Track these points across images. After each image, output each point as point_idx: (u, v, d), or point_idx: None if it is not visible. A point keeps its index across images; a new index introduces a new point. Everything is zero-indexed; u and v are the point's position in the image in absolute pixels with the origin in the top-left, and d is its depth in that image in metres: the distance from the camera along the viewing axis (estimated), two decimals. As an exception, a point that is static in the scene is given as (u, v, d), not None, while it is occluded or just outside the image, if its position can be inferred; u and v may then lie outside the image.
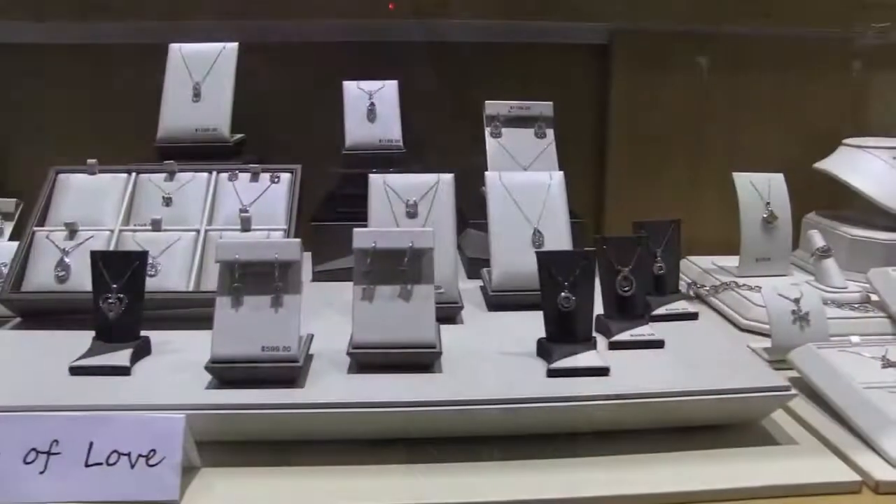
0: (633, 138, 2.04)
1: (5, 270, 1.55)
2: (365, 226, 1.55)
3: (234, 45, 1.75)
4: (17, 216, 1.79)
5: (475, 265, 1.65)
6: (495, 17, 1.95)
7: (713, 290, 1.73)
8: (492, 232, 1.51)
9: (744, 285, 1.70)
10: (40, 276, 1.42)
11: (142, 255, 1.26)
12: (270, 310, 1.15)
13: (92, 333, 1.27)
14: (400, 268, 1.21)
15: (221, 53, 1.74)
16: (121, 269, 1.25)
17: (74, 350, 1.24)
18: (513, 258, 1.49)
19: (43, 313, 1.41)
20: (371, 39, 1.95)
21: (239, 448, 1.10)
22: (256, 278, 1.17)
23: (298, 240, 1.18)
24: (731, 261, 1.82)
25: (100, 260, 1.25)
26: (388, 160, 1.75)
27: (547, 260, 1.25)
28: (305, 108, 1.98)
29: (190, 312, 1.39)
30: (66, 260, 1.42)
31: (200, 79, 1.73)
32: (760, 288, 1.61)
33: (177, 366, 1.22)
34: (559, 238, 1.51)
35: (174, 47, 1.76)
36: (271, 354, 1.13)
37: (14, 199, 1.80)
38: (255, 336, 1.14)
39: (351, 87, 1.78)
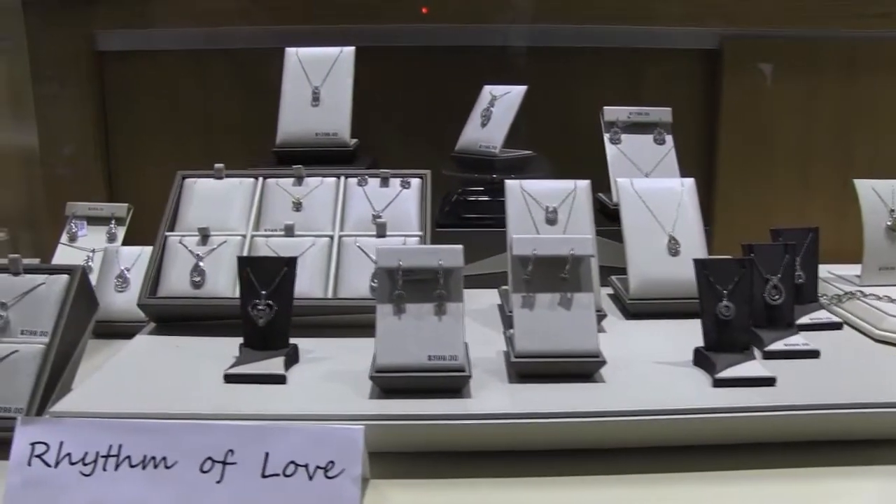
0: (743, 144, 2.00)
1: (128, 275, 1.55)
2: (491, 232, 1.54)
3: (351, 48, 1.73)
4: (128, 220, 1.77)
5: (601, 273, 1.62)
6: (605, 21, 1.92)
7: (836, 300, 1.68)
8: (627, 239, 1.48)
9: (870, 295, 1.65)
10: (176, 282, 1.40)
11: (291, 261, 1.23)
12: (434, 318, 1.13)
13: (227, 339, 1.27)
14: (561, 275, 1.18)
15: (339, 57, 1.72)
16: (269, 275, 1.23)
17: (218, 356, 1.23)
18: (650, 266, 1.46)
19: (178, 319, 1.39)
20: (478, 44, 1.93)
21: (397, 459, 1.08)
22: (417, 285, 1.14)
23: (461, 246, 1.15)
24: (847, 269, 1.77)
25: (247, 266, 1.23)
26: (485, 165, 1.74)
27: (705, 268, 1.22)
28: (421, 111, 1.96)
29: (324, 319, 1.37)
30: (201, 265, 1.40)
31: (319, 83, 1.70)
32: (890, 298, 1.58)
33: (330, 374, 1.20)
34: (695, 245, 1.48)
35: (290, 51, 1.74)
36: (438, 363, 1.11)
37: (126, 204, 1.78)
38: (421, 345, 1.12)
39: (485, 91, 1.77)
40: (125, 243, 1.71)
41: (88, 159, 1.98)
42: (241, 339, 1.24)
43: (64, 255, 1.73)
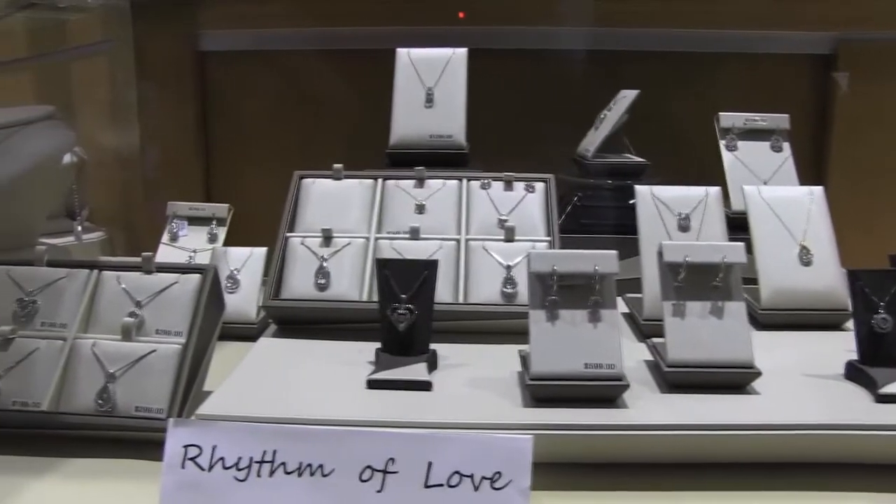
0: (856, 152, 1.96)
1: (237, 276, 1.53)
2: (610, 238, 1.51)
3: (464, 50, 1.71)
4: (228, 221, 1.75)
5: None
6: (714, 26, 1.89)
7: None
8: (757, 249, 1.44)
9: None
10: (299, 284, 1.38)
11: (431, 265, 1.21)
12: (589, 325, 1.10)
13: (353, 343, 1.26)
14: (713, 283, 1.15)
15: (452, 58, 1.69)
16: (409, 278, 1.20)
17: (350, 361, 1.21)
18: (782, 276, 1.42)
19: (302, 322, 1.37)
20: (590, 48, 1.90)
21: (551, 470, 1.03)
22: (569, 291, 1.11)
23: (615, 252, 1.11)
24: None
25: (386, 268, 1.21)
26: (582, 168, 1.73)
27: (859, 279, 1.18)
28: (530, 115, 1.94)
29: (452, 325, 1.34)
30: (326, 267, 1.38)
31: (433, 84, 1.68)
32: None
33: (473, 381, 1.17)
34: (827, 255, 1.44)
35: (402, 52, 1.72)
36: (594, 372, 1.08)
37: (227, 205, 1.76)
38: (576, 352, 1.08)
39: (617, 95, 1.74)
40: (225, 244, 1.69)
41: (187, 160, 1.97)
42: (365, 343, 1.22)
43: (165, 254, 1.71)
